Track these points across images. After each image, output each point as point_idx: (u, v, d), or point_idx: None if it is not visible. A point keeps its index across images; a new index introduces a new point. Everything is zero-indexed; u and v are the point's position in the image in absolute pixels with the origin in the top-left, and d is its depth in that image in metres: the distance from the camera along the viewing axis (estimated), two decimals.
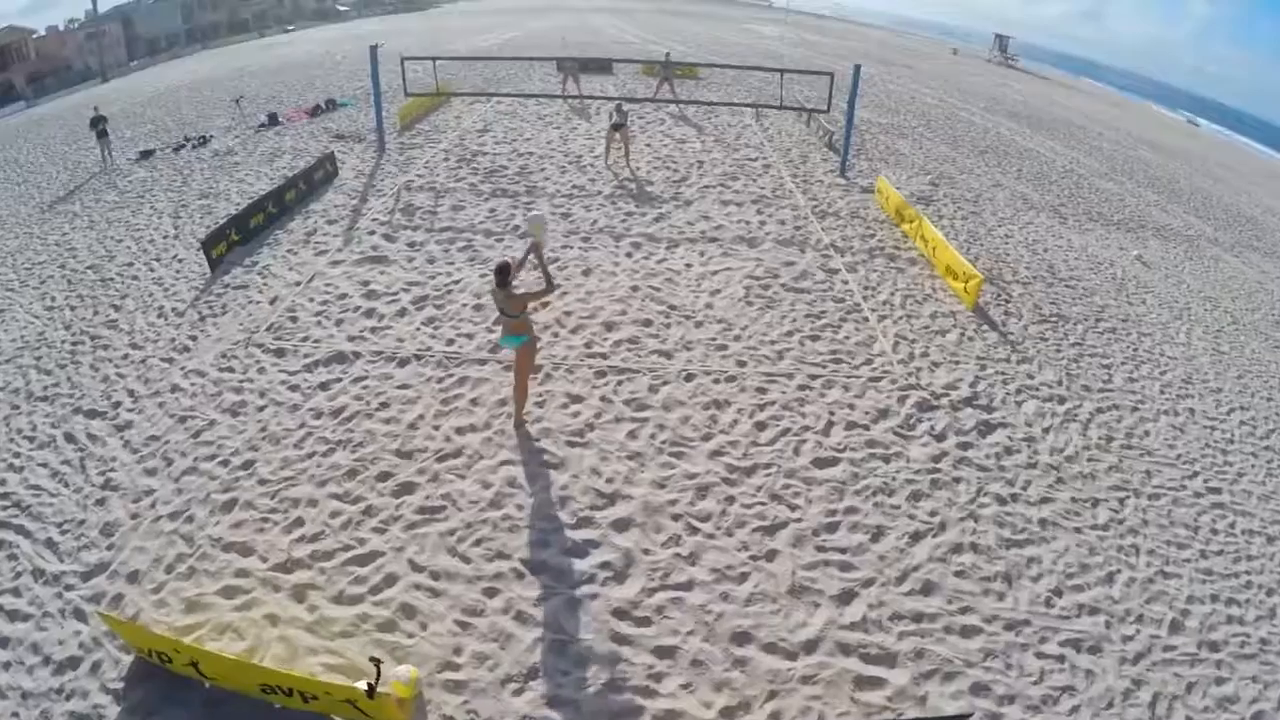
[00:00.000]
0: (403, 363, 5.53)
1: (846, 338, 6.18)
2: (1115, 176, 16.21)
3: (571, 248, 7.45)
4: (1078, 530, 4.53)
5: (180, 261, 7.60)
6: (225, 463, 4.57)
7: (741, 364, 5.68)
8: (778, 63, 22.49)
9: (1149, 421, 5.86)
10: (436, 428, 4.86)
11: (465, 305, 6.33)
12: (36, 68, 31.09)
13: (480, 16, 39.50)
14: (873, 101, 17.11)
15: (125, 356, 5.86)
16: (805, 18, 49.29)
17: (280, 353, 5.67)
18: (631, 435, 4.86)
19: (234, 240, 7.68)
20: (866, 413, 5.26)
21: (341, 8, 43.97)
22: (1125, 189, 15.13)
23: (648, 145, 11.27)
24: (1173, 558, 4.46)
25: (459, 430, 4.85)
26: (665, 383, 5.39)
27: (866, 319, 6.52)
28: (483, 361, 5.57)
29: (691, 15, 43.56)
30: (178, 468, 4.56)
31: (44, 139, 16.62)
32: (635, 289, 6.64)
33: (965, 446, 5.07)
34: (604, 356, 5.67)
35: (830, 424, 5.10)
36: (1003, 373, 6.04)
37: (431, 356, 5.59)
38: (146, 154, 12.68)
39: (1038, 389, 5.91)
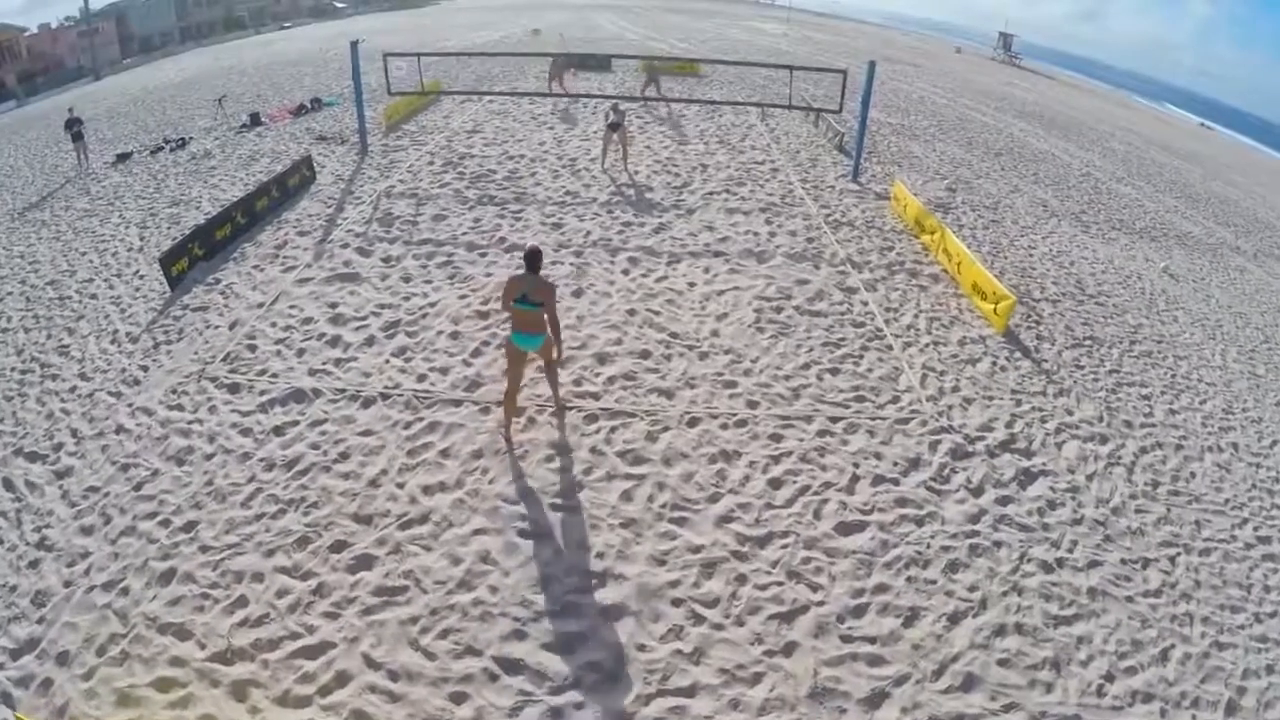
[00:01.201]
0: (367, 403, 4.73)
1: (869, 370, 5.35)
2: (1132, 180, 15.32)
3: (562, 263, 6.60)
4: (1129, 599, 3.84)
5: (141, 278, 6.84)
6: (166, 522, 3.86)
7: (753, 405, 4.86)
8: (783, 60, 21.66)
9: (1194, 461, 5.16)
10: (401, 485, 4.09)
11: (441, 333, 5.49)
12: (28, 66, 30.12)
13: (479, 13, 38.36)
14: (881, 101, 16.11)
15: (73, 389, 5.15)
16: (807, 15, 48.18)
17: (234, 388, 4.90)
18: (626, 497, 4.06)
19: (197, 255, 6.88)
20: (895, 463, 4.46)
21: (339, 4, 42.82)
22: (1143, 194, 14.26)
23: (647, 147, 10.40)
24: (1227, 624, 3.82)
25: (426, 489, 4.07)
26: (666, 429, 4.57)
27: (890, 347, 5.69)
28: (457, 403, 4.75)
29: (692, 12, 42.40)
30: (116, 527, 3.87)
31: (27, 141, 15.73)
32: (632, 313, 5.80)
33: (1005, 501, 4.31)
34: (595, 396, 4.84)
35: (855, 478, 4.30)
36: (1040, 408, 5.26)
37: (399, 396, 4.78)
38: (123, 157, 11.84)
39: (1077, 427, 5.15)
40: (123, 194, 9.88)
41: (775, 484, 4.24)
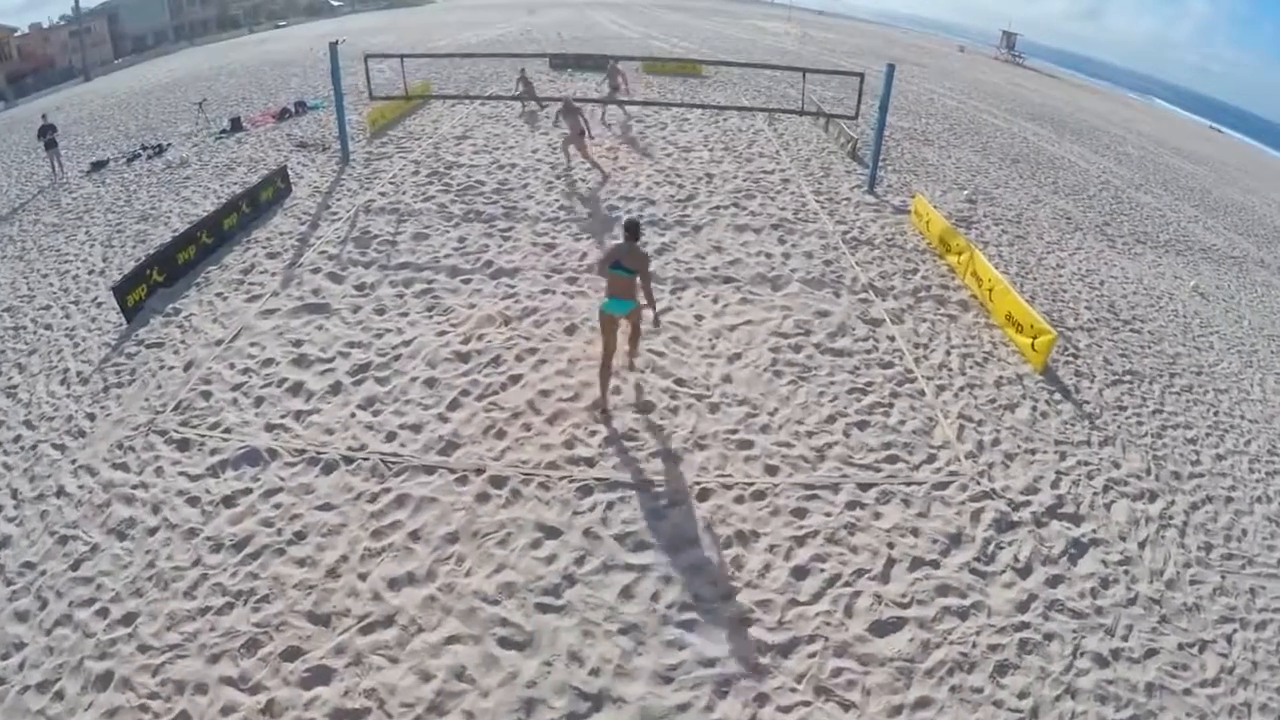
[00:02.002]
0: (328, 468, 4.01)
1: (901, 422, 4.60)
2: (1150, 188, 14.50)
3: (554, 292, 5.81)
4: (1187, 692, 3.26)
5: (99, 306, 6.15)
6: (104, 612, 3.28)
7: (772, 470, 4.12)
8: (787, 60, 20.72)
9: (1244, 515, 4.56)
10: (363, 577, 3.39)
11: (415, 380, 4.71)
12: (18, 67, 29.20)
13: (475, 11, 37.35)
14: (892, 103, 15.17)
15: (17, 439, 4.54)
16: (808, 14, 47.10)
17: (184, 445, 4.23)
18: (626, 594, 3.34)
19: (156, 282, 6.13)
20: (935, 541, 3.76)
21: (335, 3, 41.67)
22: (1163, 202, 13.46)
23: (647, 155, 9.57)
24: None
25: (392, 583, 3.36)
26: (672, 503, 3.84)
27: (922, 392, 4.94)
28: (429, 470, 4.00)
29: (693, 10, 41.35)
30: (52, 614, 3.29)
31: (7, 145, 14.93)
32: (636, 354, 4.98)
33: (1055, 582, 3.65)
34: (590, 463, 4.08)
35: (890, 562, 3.60)
36: (1086, 461, 4.57)
37: (365, 460, 4.05)
38: (98, 165, 11.05)
39: (1126, 483, 4.48)
40: (92, 207, 9.11)
41: (800, 573, 3.52)
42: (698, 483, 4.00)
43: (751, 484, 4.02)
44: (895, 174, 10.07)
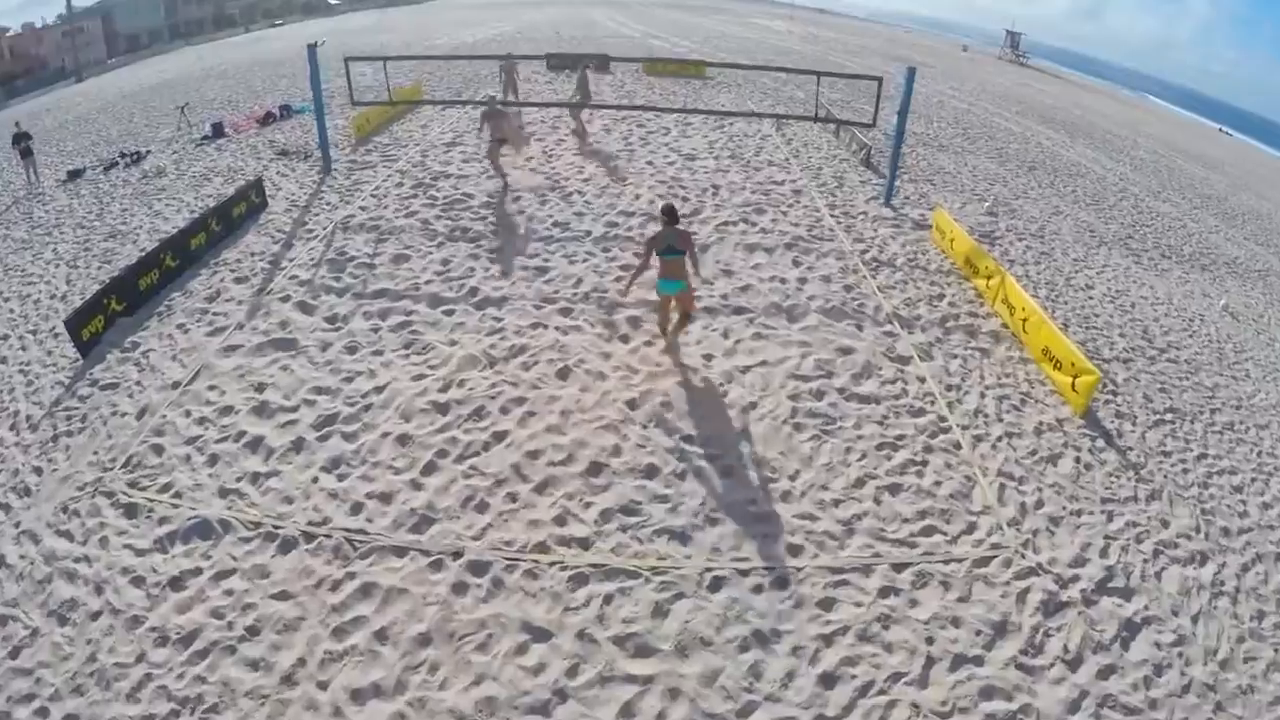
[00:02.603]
0: (286, 546, 3.42)
1: (937, 484, 3.99)
2: (1168, 195, 13.78)
3: (545, 326, 5.12)
4: None
5: (57, 337, 5.52)
6: (44, 711, 2.79)
7: (795, 550, 3.50)
8: (791, 60, 19.79)
9: None
10: (323, 685, 2.84)
11: (386, 436, 4.07)
12: (9, 67, 28.42)
13: (473, 10, 36.51)
14: (893, 106, 14.66)
15: None
16: (809, 13, 46.18)
17: (132, 511, 3.67)
18: (627, 712, 2.77)
19: (115, 311, 5.50)
20: (978, 632, 3.18)
21: (333, 1, 40.78)
22: (1182, 211, 12.75)
23: (649, 163, 8.81)
24: None
25: (356, 695, 2.81)
26: (680, 595, 3.23)
27: (958, 445, 4.32)
28: (400, 551, 3.38)
29: (693, 8, 40.45)
30: None
31: None
32: (634, 404, 4.35)
33: (1108, 673, 3.12)
34: (584, 543, 3.45)
35: (930, 661, 3.04)
36: (1134, 522, 4.01)
37: (327, 539, 3.44)
38: (75, 174, 10.36)
39: (1175, 545, 3.95)
40: (63, 221, 8.46)
41: (828, 681, 2.94)
42: (709, 568, 3.37)
43: (772, 569, 3.40)
44: (911, 183, 9.36)
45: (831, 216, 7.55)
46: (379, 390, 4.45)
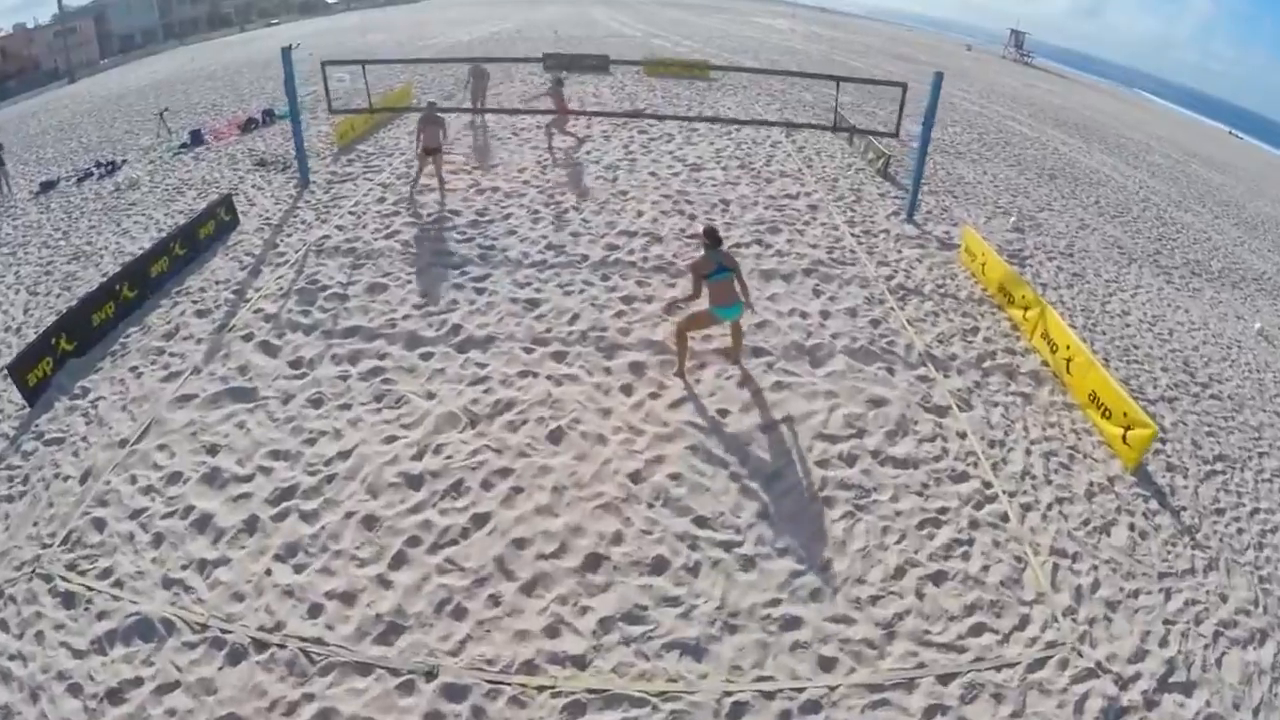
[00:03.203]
0: (235, 655, 2.82)
1: (985, 569, 3.36)
2: (1189, 205, 13.00)
3: (536, 374, 4.42)
4: None
5: (7, 379, 4.76)
6: None
7: (828, 663, 2.88)
8: (796, 60, 18.87)
9: None
10: None
11: (350, 516, 3.40)
12: (1, 68, 27.69)
13: (471, 8, 35.50)
14: (916, 110, 13.74)
15: None
16: (811, 12, 45.13)
17: (70, 601, 3.08)
18: None
19: (66, 351, 4.82)
20: None
21: (330, 0, 39.71)
22: (1205, 222, 11.98)
23: (652, 174, 8.05)
24: None
25: None
26: None
27: (1005, 516, 3.67)
28: (365, 669, 2.77)
29: (694, 7, 39.45)
30: None
31: None
32: (638, 477, 3.65)
33: None
34: (580, 662, 2.83)
35: None
36: (1193, 599, 3.45)
37: (281, 649, 2.83)
38: (48, 186, 9.64)
39: (1234, 624, 3.40)
40: (30, 239, 7.75)
41: None
42: (729, 691, 2.74)
43: (801, 689, 2.77)
44: (931, 195, 8.60)
45: (852, 236, 6.82)
46: (344, 456, 3.77)
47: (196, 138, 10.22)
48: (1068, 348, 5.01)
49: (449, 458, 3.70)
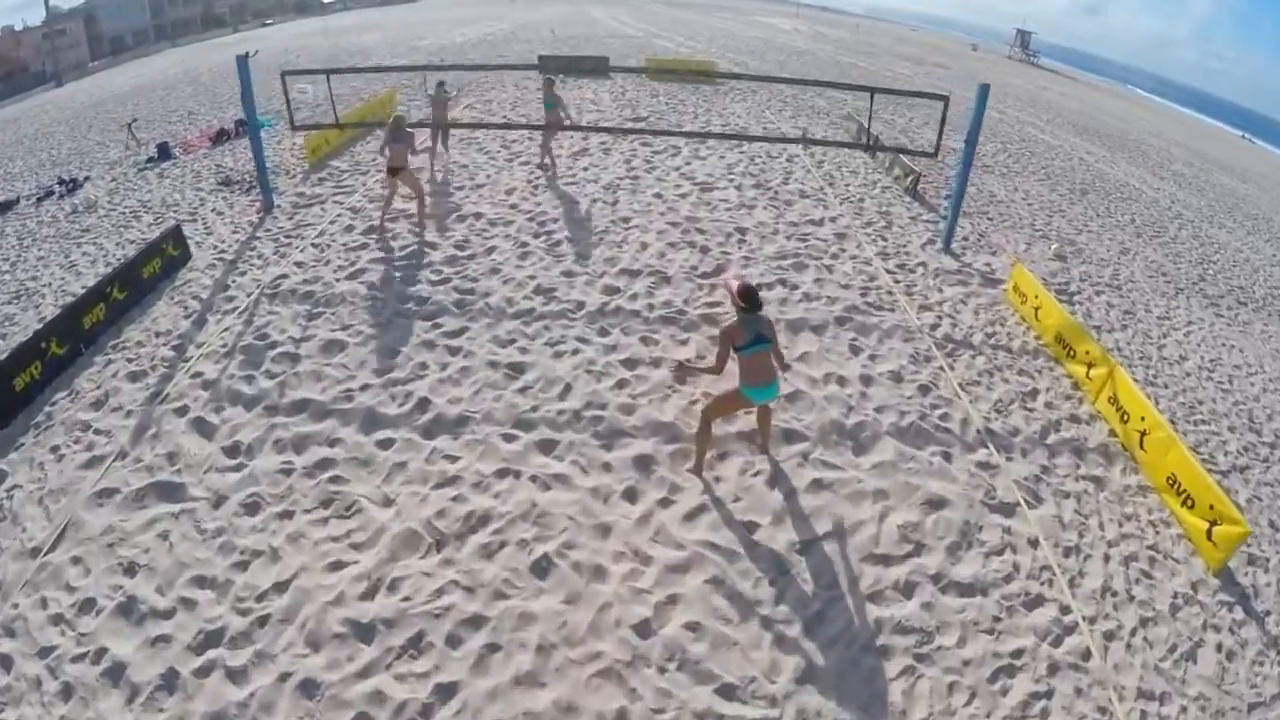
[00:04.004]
0: None
1: None
2: (1220, 219, 12.02)
3: (518, 473, 3.50)
4: None
5: None
6: None
7: None
8: (804, 62, 17.76)
9: None
10: None
11: (286, 679, 2.56)
12: None
13: (467, 8, 34.27)
14: (933, 116, 12.65)
15: None
16: (814, 11, 43.83)
17: None
18: None
19: None
20: None
21: (326, 0, 38.36)
22: (1240, 239, 11.05)
23: (657, 195, 7.04)
24: None
25: None
26: None
27: (1088, 654, 2.86)
28: None
29: (696, 6, 38.23)
30: None
31: None
32: (647, 629, 2.78)
33: None
34: None
35: None
36: None
37: None
38: (6, 207, 8.72)
39: None
40: None
41: None
42: None
43: None
44: (965, 216, 7.50)
45: (887, 272, 5.82)
46: (281, 588, 2.89)
47: (164, 151, 9.29)
48: (1142, 419, 4.11)
49: (407, 599, 2.81)
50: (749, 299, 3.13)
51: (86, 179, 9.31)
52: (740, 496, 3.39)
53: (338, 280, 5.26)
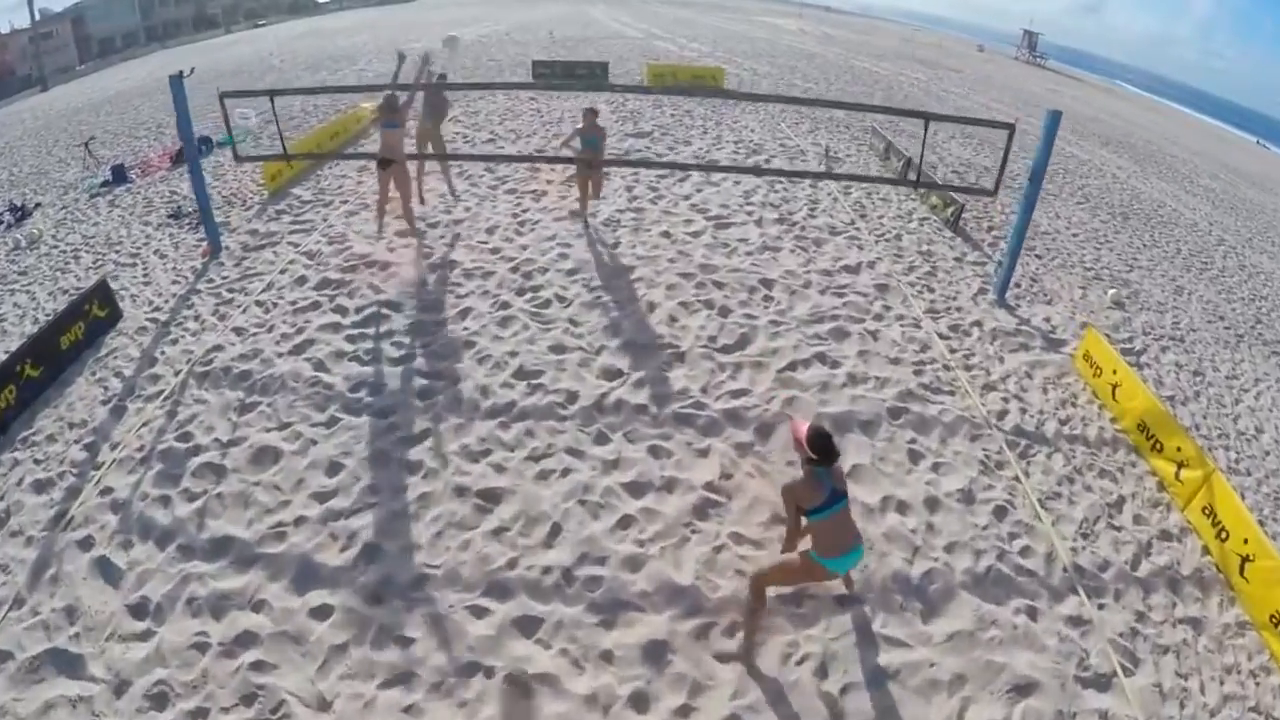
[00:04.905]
0: None
1: None
2: (1259, 243, 10.92)
3: (490, 669, 2.57)
4: None
5: None
6: None
7: None
8: (815, 65, 16.58)
9: None
10: None
11: None
12: None
13: (467, 8, 32.85)
14: (957, 127, 11.39)
15: None
16: (816, 11, 42.36)
17: None
18: None
19: None
20: None
21: (320, 0, 36.85)
22: None
23: (665, 234, 5.97)
24: None
25: None
26: None
27: None
28: None
29: (697, 5, 36.79)
30: None
31: None
32: None
33: None
34: None
35: None
36: None
37: None
38: None
39: None
40: None
41: None
42: None
43: None
44: (992, 236, 6.58)
45: (941, 337, 4.76)
46: None
47: (119, 174, 8.19)
48: (1245, 541, 3.23)
49: None
50: (820, 448, 2.30)
51: (38, 206, 8.22)
52: (783, 696, 2.47)
53: (279, 356, 4.24)
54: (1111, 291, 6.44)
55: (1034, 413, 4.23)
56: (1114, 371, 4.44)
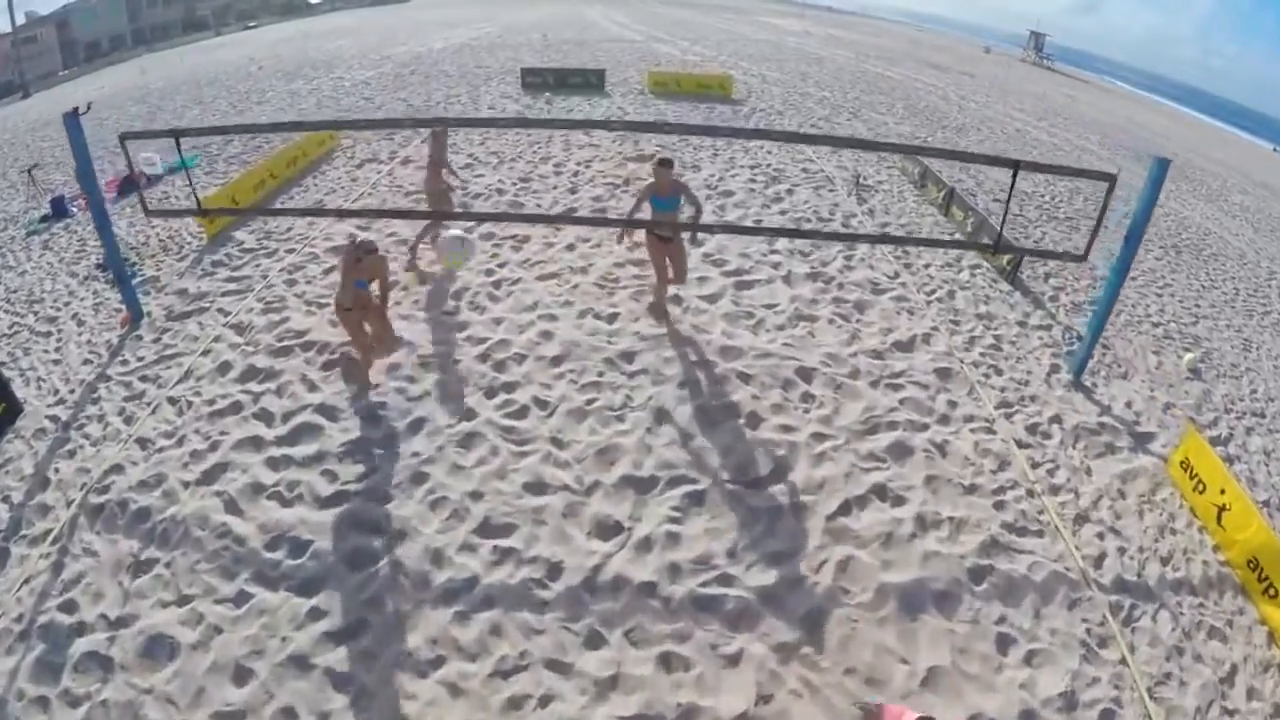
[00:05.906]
0: None
1: None
2: None
3: None
4: None
5: None
6: None
7: None
8: (825, 70, 15.45)
9: None
10: None
11: None
12: None
13: (459, 9, 31.35)
14: (978, 137, 10.32)
15: None
16: (818, 12, 40.79)
17: None
18: None
19: None
20: None
21: (312, 1, 35.25)
22: None
23: (674, 299, 4.66)
24: None
25: None
26: None
27: None
28: None
29: (698, 6, 35.30)
30: None
31: None
32: None
33: None
34: None
35: None
36: None
37: None
38: None
39: None
40: None
41: None
42: None
43: None
44: (1051, 287, 5.37)
45: (1019, 445, 3.65)
46: None
47: (59, 208, 7.05)
48: None
49: None
50: None
51: None
52: None
53: (185, 486, 3.20)
54: (1188, 356, 5.36)
55: (1133, 551, 3.20)
56: (1221, 491, 3.42)
